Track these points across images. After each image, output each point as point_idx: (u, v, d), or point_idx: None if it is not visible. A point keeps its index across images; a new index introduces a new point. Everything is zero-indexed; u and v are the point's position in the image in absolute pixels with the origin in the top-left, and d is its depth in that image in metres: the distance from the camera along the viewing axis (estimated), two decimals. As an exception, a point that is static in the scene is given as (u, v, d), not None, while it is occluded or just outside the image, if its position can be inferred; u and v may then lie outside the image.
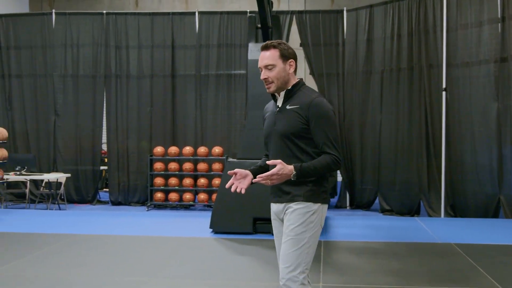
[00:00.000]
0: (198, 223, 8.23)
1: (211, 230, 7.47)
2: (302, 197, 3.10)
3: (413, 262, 6.03)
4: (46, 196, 10.86)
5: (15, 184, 11.36)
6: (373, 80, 10.19)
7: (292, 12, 10.75)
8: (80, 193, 11.41)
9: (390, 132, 9.94)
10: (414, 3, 9.68)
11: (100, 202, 11.50)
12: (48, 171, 11.22)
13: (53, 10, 11.58)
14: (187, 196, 10.84)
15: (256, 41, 7.54)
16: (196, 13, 11.13)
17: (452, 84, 9.39)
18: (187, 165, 10.89)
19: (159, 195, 10.90)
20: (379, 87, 10.08)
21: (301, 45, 10.79)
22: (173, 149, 10.88)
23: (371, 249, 6.63)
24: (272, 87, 3.19)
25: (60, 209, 10.34)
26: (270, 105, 3.37)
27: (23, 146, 11.46)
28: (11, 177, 10.21)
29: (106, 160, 12.07)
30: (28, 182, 10.75)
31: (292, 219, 3.10)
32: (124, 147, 11.34)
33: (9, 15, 11.69)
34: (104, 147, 12.08)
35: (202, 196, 10.73)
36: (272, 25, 7.48)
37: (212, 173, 10.64)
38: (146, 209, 10.64)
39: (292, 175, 2.99)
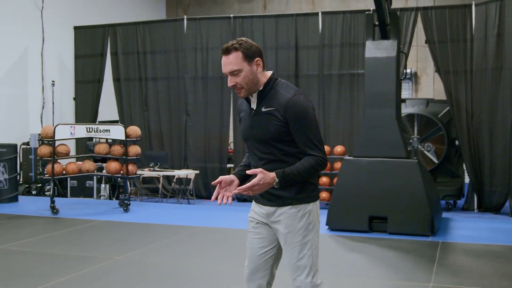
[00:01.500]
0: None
1: (327, 227, 7.54)
2: (294, 200, 2.94)
3: (537, 268, 5.72)
4: (177, 191, 11.53)
5: (150, 180, 12.18)
6: (503, 77, 9.67)
7: (417, 9, 10.51)
8: (208, 189, 11.96)
9: (522, 132, 9.39)
10: (550, -7, 9.09)
11: (228, 198, 11.96)
12: (179, 168, 11.88)
13: (185, 16, 12.25)
14: (323, 195, 10.95)
15: (374, 39, 7.50)
16: (319, 14, 11.23)
17: None
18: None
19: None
20: (511, 84, 9.56)
21: (426, 42, 10.52)
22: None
23: (492, 252, 6.35)
24: (243, 93, 2.94)
25: (189, 203, 10.92)
26: (243, 104, 3.11)
27: (157, 144, 12.25)
28: (146, 173, 10.98)
29: (233, 158, 12.54)
30: (161, 177, 11.48)
31: (290, 226, 2.94)
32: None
33: (145, 22, 12.55)
34: (232, 146, 12.57)
35: (324, 194, 10.78)
36: (390, 22, 7.40)
37: (334, 172, 10.68)
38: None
39: (274, 183, 2.81)
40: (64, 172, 8.92)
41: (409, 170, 7.12)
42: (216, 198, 2.90)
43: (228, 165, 12.71)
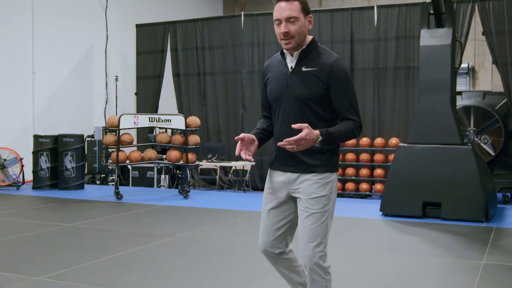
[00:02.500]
0: (371, 208, 8.46)
1: (381, 213, 7.67)
2: (320, 168, 2.89)
3: None
4: (234, 182, 11.85)
5: (208, 172, 12.55)
6: None
7: (474, 0, 10.47)
8: (264, 181, 12.19)
9: None
10: None
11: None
12: (236, 160, 12.20)
13: (242, 12, 12.57)
14: (364, 186, 11.09)
15: (429, 28, 7.58)
16: (375, 7, 11.34)
17: None
18: (364, 156, 11.14)
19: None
20: None
21: (483, 34, 10.46)
22: (350, 141, 11.20)
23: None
24: (292, 43, 2.86)
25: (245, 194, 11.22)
26: (274, 64, 3.04)
27: (215, 137, 12.62)
28: (204, 163, 11.35)
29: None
30: (218, 169, 11.82)
31: (314, 193, 2.88)
32: (304, 138, 11.93)
33: (204, 19, 12.94)
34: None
35: (378, 186, 10.88)
36: (445, 11, 7.47)
37: (388, 164, 10.73)
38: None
39: (318, 141, 2.74)
40: (127, 160, 9.36)
41: (464, 156, 7.18)
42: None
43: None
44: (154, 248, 5.74)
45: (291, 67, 2.92)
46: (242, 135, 2.86)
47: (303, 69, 2.89)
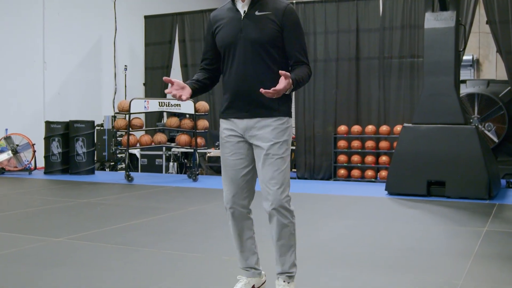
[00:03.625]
0: (376, 189, 8.63)
1: (386, 192, 7.84)
2: (278, 112, 2.94)
3: None
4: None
5: (215, 160, 12.73)
6: None
7: (478, -11, 10.64)
8: (271, 168, 12.39)
9: None
10: None
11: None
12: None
13: (249, 3, 12.75)
14: (369, 173, 11.27)
15: (433, 11, 7.76)
16: (380, -3, 11.52)
17: None
18: (370, 143, 11.32)
19: (342, 171, 11.48)
20: None
21: (487, 22, 10.62)
22: (356, 128, 11.39)
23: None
24: None
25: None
26: (223, 13, 3.06)
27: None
28: (212, 151, 11.54)
29: (295, 144, 12.95)
30: (226, 156, 11.99)
31: (275, 138, 2.92)
32: (310, 126, 12.12)
33: (212, 10, 13.11)
34: (294, 132, 12.99)
35: (384, 173, 11.04)
36: (450, -6, 7.65)
37: (393, 151, 10.90)
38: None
39: (288, 90, 2.81)
40: (137, 144, 9.56)
41: (467, 135, 7.35)
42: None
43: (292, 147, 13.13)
44: (167, 218, 5.93)
45: (244, 11, 2.95)
46: (171, 79, 2.86)
47: (257, 13, 2.92)
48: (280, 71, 2.74)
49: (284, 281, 3.04)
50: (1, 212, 6.27)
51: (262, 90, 2.70)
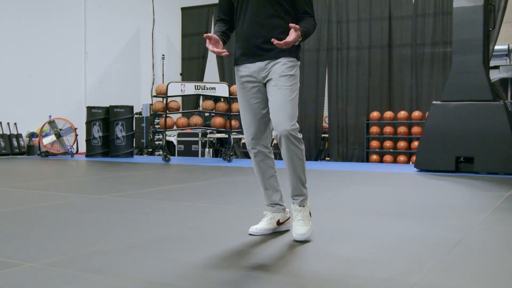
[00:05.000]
0: (406, 168, 8.79)
1: (415, 169, 8.00)
2: (287, 53, 3.14)
3: None
4: (275, 155, 12.28)
5: (249, 146, 13.02)
6: None
7: (511, -26, 10.68)
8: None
9: None
10: None
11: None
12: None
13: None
14: (401, 158, 11.39)
15: (462, -10, 7.89)
16: (413, -16, 11.63)
17: None
18: (402, 129, 11.45)
19: (374, 157, 11.64)
20: None
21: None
22: (388, 114, 11.53)
23: None
24: None
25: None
26: None
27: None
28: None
29: (327, 135, 13.14)
30: (260, 142, 12.27)
31: (284, 71, 3.13)
32: (343, 114, 12.31)
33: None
34: (327, 120, 13.19)
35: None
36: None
37: (425, 135, 11.03)
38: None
39: (298, 40, 3.03)
40: (174, 126, 9.92)
41: (496, 111, 7.46)
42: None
43: (323, 135, 13.37)
44: (204, 185, 6.24)
45: None
46: (210, 34, 3.06)
47: None
48: (290, 24, 2.98)
49: (299, 205, 3.27)
50: (50, 180, 6.68)
51: (274, 41, 2.92)
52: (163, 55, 13.84)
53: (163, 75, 13.80)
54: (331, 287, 2.28)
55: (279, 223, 3.41)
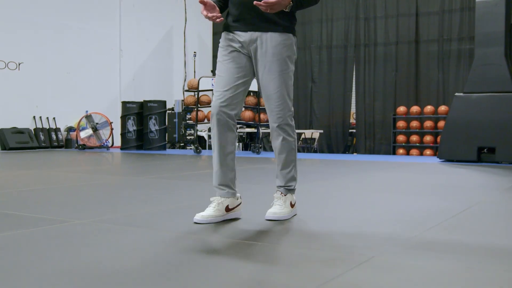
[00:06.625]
0: (429, 159, 9.00)
1: (439, 159, 8.21)
2: (283, 27, 2.95)
3: None
4: (302, 149, 12.61)
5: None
6: None
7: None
8: (331, 149, 12.93)
9: None
10: None
11: (349, 158, 12.87)
12: (305, 128, 12.96)
13: (312, -9, 13.31)
14: (427, 152, 11.59)
15: (485, -16, 8.07)
16: (439, -19, 11.81)
17: None
18: (428, 123, 11.64)
19: (401, 151, 11.85)
20: None
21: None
22: (415, 109, 11.74)
23: None
24: None
25: (313, 158, 11.95)
26: None
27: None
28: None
29: (355, 131, 13.38)
30: (288, 137, 12.60)
31: (278, 54, 2.94)
32: (370, 109, 12.55)
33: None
34: (355, 116, 13.44)
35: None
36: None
37: (451, 129, 11.20)
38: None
39: (288, 6, 2.83)
40: (205, 119, 10.29)
41: (517, 103, 7.64)
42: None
43: (350, 130, 13.62)
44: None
45: None
46: (205, 0, 2.85)
47: None
48: None
49: (281, 193, 3.11)
50: (91, 166, 7.12)
51: (255, 2, 2.77)
52: (194, 52, 14.27)
53: (194, 72, 14.22)
54: (336, 239, 2.59)
55: (228, 209, 3.02)
